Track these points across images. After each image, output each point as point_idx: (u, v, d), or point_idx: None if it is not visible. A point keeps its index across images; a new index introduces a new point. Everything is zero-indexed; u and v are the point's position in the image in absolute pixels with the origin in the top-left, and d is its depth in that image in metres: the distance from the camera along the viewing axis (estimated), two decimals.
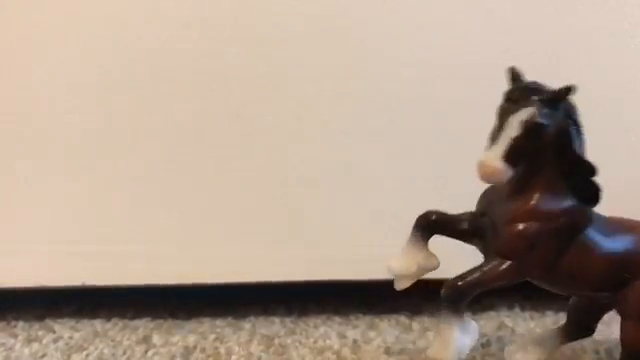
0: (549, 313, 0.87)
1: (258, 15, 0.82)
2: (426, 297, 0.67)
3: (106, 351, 0.76)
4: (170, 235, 0.84)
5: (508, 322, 0.84)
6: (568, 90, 0.57)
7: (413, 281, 0.64)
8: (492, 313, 0.87)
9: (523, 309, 0.89)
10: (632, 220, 0.64)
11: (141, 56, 0.83)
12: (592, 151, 0.61)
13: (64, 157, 0.84)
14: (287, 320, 0.87)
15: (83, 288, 0.84)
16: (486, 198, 0.63)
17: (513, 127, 0.56)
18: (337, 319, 0.87)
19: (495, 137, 0.57)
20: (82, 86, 0.83)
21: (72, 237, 0.84)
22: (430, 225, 0.63)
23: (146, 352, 0.75)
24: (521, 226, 0.59)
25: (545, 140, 0.57)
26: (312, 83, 0.83)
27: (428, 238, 0.64)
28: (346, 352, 0.74)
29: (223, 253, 0.84)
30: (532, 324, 0.83)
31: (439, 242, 0.64)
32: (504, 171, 0.56)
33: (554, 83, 0.58)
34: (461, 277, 0.60)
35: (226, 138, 0.84)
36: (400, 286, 0.65)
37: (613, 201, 0.62)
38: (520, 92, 0.58)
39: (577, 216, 0.60)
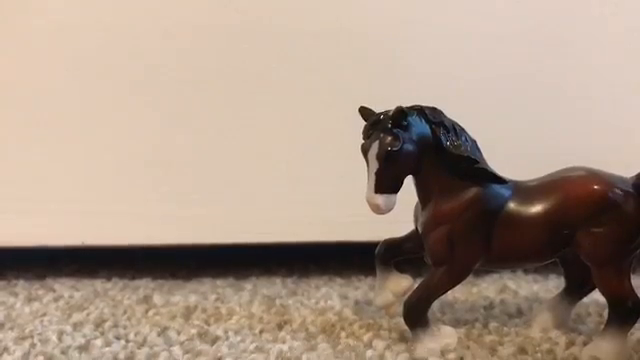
0: (552, 276, 0.87)
1: None
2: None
3: (106, 311, 0.75)
4: (171, 195, 0.84)
5: (511, 285, 0.84)
6: (399, 112, 0.60)
7: (398, 303, 0.69)
8: (495, 276, 0.87)
9: (526, 272, 0.88)
10: (561, 172, 0.64)
11: (141, 15, 0.82)
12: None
13: (64, 117, 0.83)
14: (288, 281, 0.87)
15: (83, 248, 0.84)
16: (415, 213, 0.67)
17: (373, 162, 0.60)
18: (339, 280, 0.87)
19: (367, 175, 0.61)
20: (82, 47, 0.83)
21: (72, 197, 0.84)
22: (388, 253, 0.69)
23: (147, 312, 0.75)
24: (434, 233, 0.63)
25: (408, 159, 0.61)
26: (318, 41, 0.82)
27: (391, 265, 0.69)
28: (348, 313, 0.74)
29: (224, 214, 0.84)
30: (535, 287, 0.83)
31: None
32: (385, 202, 0.60)
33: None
34: (412, 296, 0.65)
35: (228, 97, 0.84)
36: (391, 315, 0.71)
37: None
38: (368, 127, 0.62)
39: (483, 202, 0.63)
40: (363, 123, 0.84)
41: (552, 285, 0.84)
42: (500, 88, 0.80)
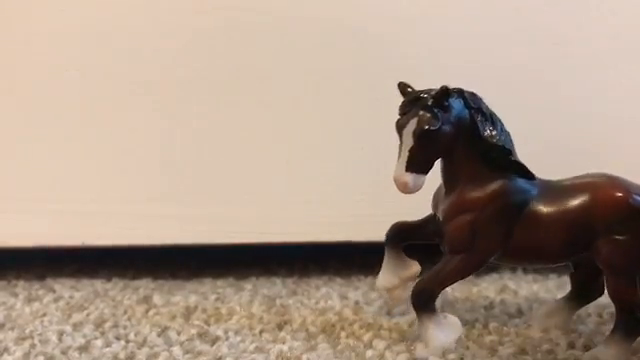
0: (552, 276, 0.86)
1: None
2: (427, 259, 0.67)
3: (107, 311, 0.75)
4: (171, 195, 0.84)
5: (511, 285, 0.84)
6: (444, 92, 0.59)
7: (404, 291, 0.68)
8: (495, 276, 0.87)
9: (526, 272, 0.88)
10: (587, 177, 0.64)
11: (140, 15, 0.82)
12: None
13: (64, 117, 0.83)
14: (289, 281, 0.87)
15: (83, 248, 0.84)
16: (435, 199, 0.66)
17: (408, 139, 0.59)
18: (339, 280, 0.87)
19: (399, 151, 0.60)
20: (81, 44, 0.82)
21: (72, 197, 0.84)
22: (399, 236, 0.68)
23: (147, 312, 0.75)
24: (456, 221, 0.62)
25: (444, 141, 0.60)
26: (319, 41, 0.82)
27: (401, 248, 0.68)
28: (348, 313, 0.74)
29: (224, 214, 0.84)
30: (535, 287, 0.83)
31: None
32: (414, 182, 0.59)
33: None
34: (423, 280, 0.63)
35: (228, 97, 0.83)
36: (393, 300, 0.70)
37: None
38: (407, 103, 0.61)
39: (510, 196, 0.62)
40: (363, 122, 0.85)
41: (552, 285, 0.83)
42: (500, 87, 0.80)
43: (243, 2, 0.82)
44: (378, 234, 0.69)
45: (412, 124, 0.59)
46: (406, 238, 0.68)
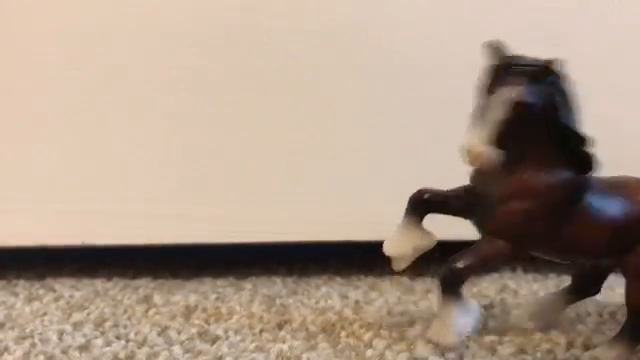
0: (552, 275, 0.87)
1: None
2: (428, 258, 0.67)
3: (107, 310, 0.75)
4: (171, 194, 0.84)
5: (511, 284, 0.84)
6: (551, 66, 0.55)
7: (411, 261, 0.64)
8: (495, 275, 0.87)
9: (526, 271, 0.88)
10: (633, 179, 0.62)
11: (140, 14, 0.82)
12: None
13: (64, 117, 0.83)
14: (289, 280, 0.87)
15: (83, 247, 0.84)
16: (480, 173, 0.61)
17: (498, 108, 0.54)
18: (339, 280, 0.87)
19: (479, 118, 0.55)
20: (81, 42, 0.82)
21: (72, 197, 0.84)
22: (423, 204, 0.62)
23: (147, 311, 0.75)
24: (515, 204, 0.58)
25: (533, 118, 0.55)
26: (320, 41, 0.82)
27: (422, 217, 0.63)
28: (348, 313, 0.74)
29: (224, 213, 0.84)
30: (535, 286, 0.83)
31: None
32: (492, 156, 0.54)
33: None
34: (459, 260, 0.59)
35: (228, 97, 0.83)
36: (398, 267, 0.65)
37: None
38: (503, 69, 0.55)
39: (572, 188, 0.59)
40: (362, 122, 0.84)
41: (552, 284, 0.84)
42: None
43: (244, 2, 0.82)
44: (378, 234, 0.69)
45: (507, 92, 0.54)
46: (430, 209, 0.62)
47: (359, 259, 0.91)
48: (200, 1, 0.82)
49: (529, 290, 0.82)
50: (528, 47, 0.82)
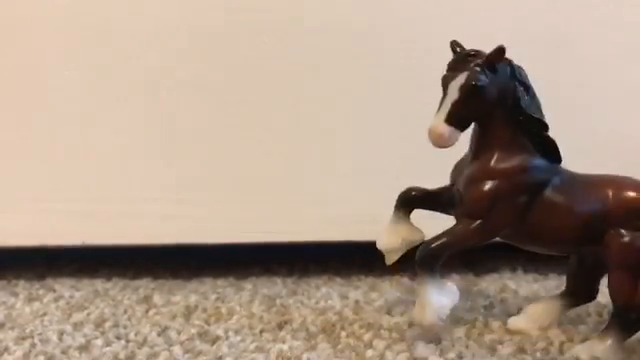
0: (552, 276, 0.86)
1: None
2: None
3: (107, 310, 0.75)
4: (171, 195, 0.84)
5: (511, 284, 0.84)
6: (500, 51, 0.60)
7: (401, 253, 0.68)
8: (495, 275, 0.87)
9: (526, 272, 0.88)
10: (604, 176, 0.64)
11: (140, 13, 0.82)
12: None
13: (64, 117, 0.83)
14: (289, 281, 0.87)
15: (83, 247, 0.84)
16: (456, 169, 0.66)
17: (453, 92, 0.60)
18: (339, 280, 0.87)
19: (440, 104, 0.61)
20: (82, 40, 0.82)
21: (72, 197, 0.84)
22: (411, 200, 0.68)
23: (147, 312, 0.75)
24: (480, 186, 0.62)
25: (487, 101, 0.61)
26: (321, 40, 0.82)
27: (410, 213, 0.68)
28: (348, 313, 0.74)
29: (224, 213, 0.84)
30: (535, 286, 0.83)
31: None
32: (450, 134, 0.60)
33: None
34: (433, 240, 0.63)
35: (229, 97, 0.83)
36: (389, 261, 0.69)
37: None
38: (457, 60, 0.62)
39: (536, 173, 0.63)
40: (362, 121, 0.85)
41: (552, 284, 0.83)
42: None
43: (244, 1, 0.82)
44: (378, 234, 0.69)
45: (461, 78, 0.60)
46: (417, 204, 0.68)
47: (359, 259, 0.91)
48: (199, 2, 0.82)
49: (529, 290, 0.82)
50: (529, 48, 0.83)
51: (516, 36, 0.82)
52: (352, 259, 0.92)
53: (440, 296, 0.63)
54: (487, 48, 0.82)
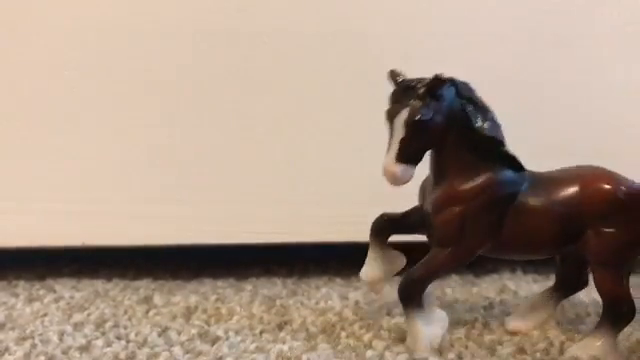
0: (552, 276, 0.86)
1: None
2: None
3: (107, 311, 0.76)
4: (171, 196, 0.84)
5: (510, 285, 0.84)
6: (438, 80, 0.58)
7: (386, 283, 0.68)
8: (495, 276, 0.87)
9: (525, 272, 0.88)
10: (576, 169, 0.64)
11: (140, 15, 0.82)
12: None
13: (64, 117, 0.83)
14: (289, 281, 0.87)
15: (84, 248, 0.84)
16: (422, 189, 0.65)
17: (399, 129, 0.58)
18: (339, 281, 0.87)
19: (389, 141, 0.59)
20: (81, 44, 0.82)
21: (72, 197, 0.84)
22: (384, 228, 0.67)
23: (147, 312, 0.75)
24: (445, 213, 0.61)
25: (435, 131, 0.59)
26: (316, 42, 0.82)
27: (386, 240, 0.67)
28: (348, 313, 0.74)
29: (224, 214, 0.84)
30: (535, 287, 0.83)
31: None
32: (402, 172, 0.58)
33: None
34: (411, 273, 0.63)
35: (227, 97, 0.83)
36: (376, 292, 0.70)
37: None
38: (399, 92, 0.60)
39: (501, 188, 0.61)
40: (362, 122, 0.84)
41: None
42: (501, 88, 0.80)
43: (244, 3, 0.82)
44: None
45: (403, 114, 0.58)
46: (392, 230, 0.67)
47: (359, 260, 0.91)
48: (199, 2, 0.82)
49: (529, 291, 0.82)
50: (529, 49, 0.83)
51: (516, 36, 0.83)
52: (352, 260, 0.92)
53: (429, 326, 0.63)
54: (487, 48, 0.83)
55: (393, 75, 0.61)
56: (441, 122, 0.59)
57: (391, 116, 0.59)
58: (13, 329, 0.71)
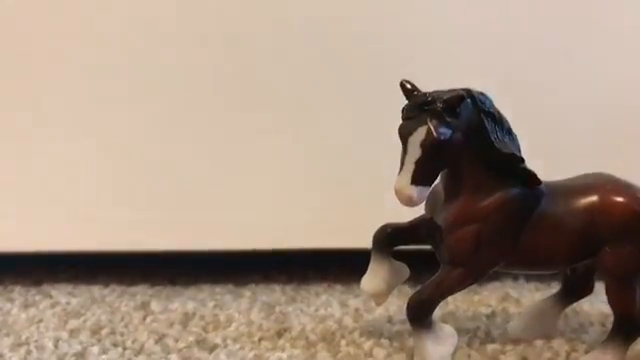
0: (554, 284, 0.86)
1: None
2: (428, 267, 0.66)
3: (104, 317, 0.75)
4: (169, 202, 0.83)
5: (513, 293, 0.83)
6: (458, 98, 0.55)
7: (389, 294, 0.65)
8: (497, 284, 0.86)
9: (528, 280, 0.88)
10: (591, 180, 0.62)
11: (140, 18, 0.82)
12: None
13: (62, 122, 0.83)
14: (288, 288, 0.86)
15: (80, 254, 0.83)
16: (430, 201, 0.61)
17: (415, 149, 0.55)
18: (339, 287, 0.86)
19: (402, 161, 0.56)
20: (81, 44, 0.82)
21: (70, 202, 0.83)
22: (387, 240, 0.64)
23: (144, 319, 0.75)
24: (460, 232, 0.58)
25: (453, 150, 0.56)
26: (317, 44, 0.82)
27: (390, 252, 0.64)
28: (348, 321, 0.73)
29: (223, 220, 0.83)
30: (537, 295, 0.82)
31: None
32: (418, 194, 0.55)
33: None
34: (421, 292, 0.60)
35: (227, 103, 0.83)
36: (378, 304, 0.67)
37: None
38: (413, 108, 0.56)
39: (517, 205, 0.59)
40: (362, 128, 0.84)
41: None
42: (501, 89, 0.80)
43: (244, 3, 0.82)
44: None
45: (420, 133, 0.54)
46: (396, 241, 0.64)
47: (359, 267, 0.90)
48: (199, 3, 0.82)
49: (531, 299, 0.81)
50: (529, 52, 0.82)
51: (516, 36, 0.83)
52: (352, 267, 0.91)
53: (438, 346, 0.60)
54: (488, 48, 0.82)
55: (405, 89, 0.58)
56: (459, 140, 0.56)
57: (405, 134, 0.55)
58: (8, 335, 0.70)
